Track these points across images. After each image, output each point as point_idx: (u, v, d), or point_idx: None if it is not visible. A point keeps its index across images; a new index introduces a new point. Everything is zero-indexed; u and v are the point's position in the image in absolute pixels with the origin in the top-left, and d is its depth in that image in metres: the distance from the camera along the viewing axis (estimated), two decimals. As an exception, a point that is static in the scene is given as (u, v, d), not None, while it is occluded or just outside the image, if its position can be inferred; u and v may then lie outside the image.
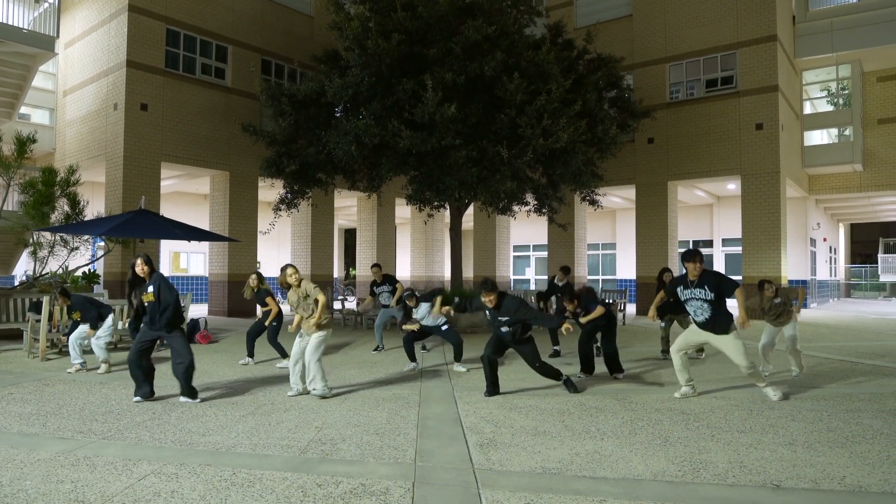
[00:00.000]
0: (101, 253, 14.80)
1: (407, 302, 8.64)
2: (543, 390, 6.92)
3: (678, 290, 6.48)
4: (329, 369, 8.49)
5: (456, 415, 5.79)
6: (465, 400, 6.45)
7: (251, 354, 9.17)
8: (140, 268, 6.32)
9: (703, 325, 6.38)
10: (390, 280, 10.75)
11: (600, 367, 8.22)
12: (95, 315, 8.31)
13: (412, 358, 8.54)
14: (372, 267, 11.00)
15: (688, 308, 6.45)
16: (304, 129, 14.33)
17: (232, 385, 7.25)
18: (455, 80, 12.74)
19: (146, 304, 6.25)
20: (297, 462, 4.34)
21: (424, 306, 8.62)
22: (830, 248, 28.03)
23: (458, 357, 8.51)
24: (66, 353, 9.78)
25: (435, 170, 13.70)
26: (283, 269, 6.71)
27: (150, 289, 6.20)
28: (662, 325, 9.97)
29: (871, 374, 8.06)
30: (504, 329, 6.71)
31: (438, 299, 8.72)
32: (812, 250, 23.35)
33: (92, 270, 13.59)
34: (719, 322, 6.29)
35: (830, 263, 27.78)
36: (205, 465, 4.23)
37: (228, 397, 6.55)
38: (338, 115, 14.63)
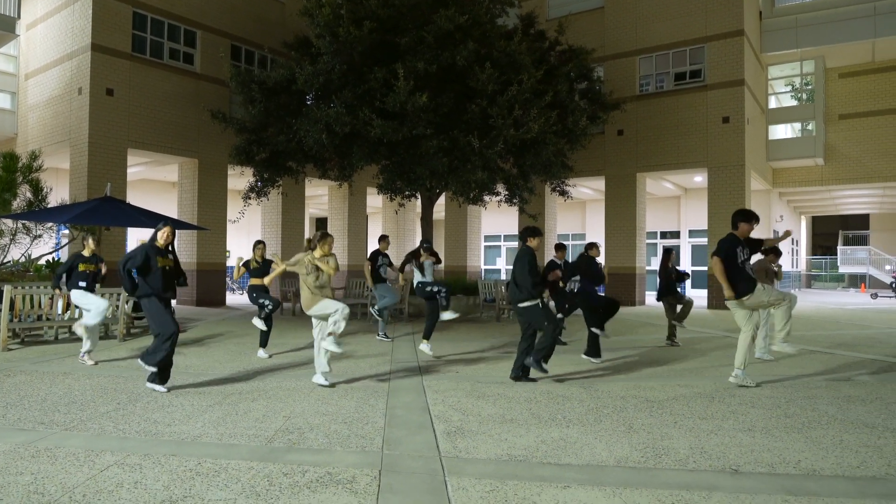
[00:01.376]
0: (65, 241, 14.49)
1: (423, 251, 8.69)
2: (513, 379, 6.99)
3: (737, 249, 6.55)
4: (303, 361, 8.47)
5: (424, 403, 5.83)
6: (433, 389, 6.49)
7: (264, 344, 8.68)
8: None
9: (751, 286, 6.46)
10: (387, 257, 10.55)
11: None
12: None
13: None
14: (382, 239, 10.58)
15: (747, 267, 6.53)
16: (275, 117, 14.18)
17: (200, 375, 7.18)
18: (427, 69, 12.71)
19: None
20: (264, 451, 4.33)
21: (428, 263, 8.66)
22: (793, 239, 28.70)
23: (427, 334, 8.61)
24: (29, 343, 9.58)
25: (406, 159, 13.68)
26: (320, 239, 6.61)
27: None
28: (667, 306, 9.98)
29: (828, 362, 8.31)
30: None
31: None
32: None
33: (56, 259, 13.31)
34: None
35: (793, 255, 28.44)
36: (169, 456, 4.19)
37: (196, 387, 6.49)
38: (309, 102, 14.50)
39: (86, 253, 8.54)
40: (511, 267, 6.79)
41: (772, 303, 6.54)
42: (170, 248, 6.58)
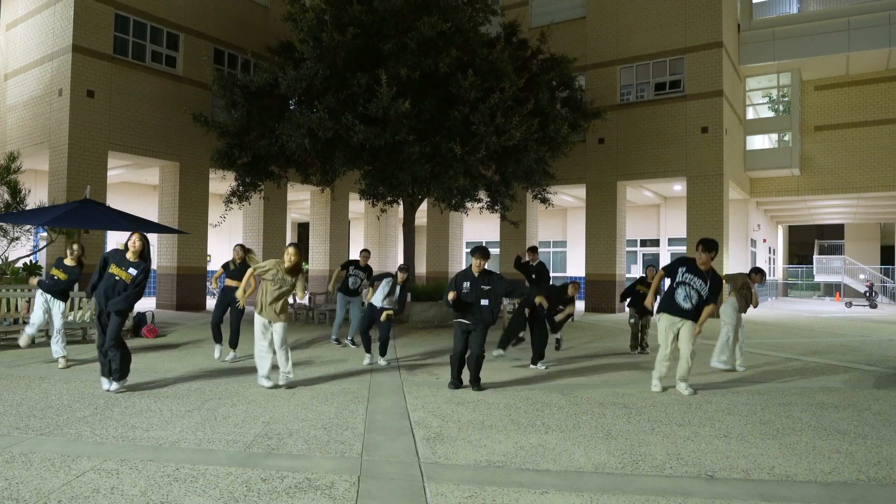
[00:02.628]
0: (43, 243, 14.30)
1: (399, 272, 8.70)
2: (491, 385, 7.03)
3: (679, 270, 6.69)
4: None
5: (404, 409, 5.84)
6: (413, 394, 6.50)
7: (219, 340, 8.80)
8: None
9: (685, 312, 6.61)
10: (369, 270, 10.55)
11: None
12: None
13: (369, 349, 8.56)
14: (363, 252, 10.75)
15: (677, 291, 6.63)
16: (257, 121, 14.13)
17: (178, 379, 7.13)
18: (409, 75, 12.75)
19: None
20: (242, 457, 4.32)
21: (384, 283, 8.54)
22: (770, 248, 29.13)
23: (383, 351, 8.55)
24: (4, 347, 9.45)
25: (388, 165, 13.70)
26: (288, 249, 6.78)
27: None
28: (632, 320, 10.21)
29: (802, 370, 8.46)
30: (484, 301, 6.67)
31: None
32: (752, 250, 24.23)
33: (34, 261, 13.13)
34: (697, 314, 6.62)
35: (769, 263, 28.85)
36: (147, 461, 4.17)
37: (174, 392, 6.44)
38: (291, 107, 14.46)
39: (68, 262, 8.40)
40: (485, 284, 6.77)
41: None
42: (141, 258, 6.48)
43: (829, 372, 8.34)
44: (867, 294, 25.07)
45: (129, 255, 6.46)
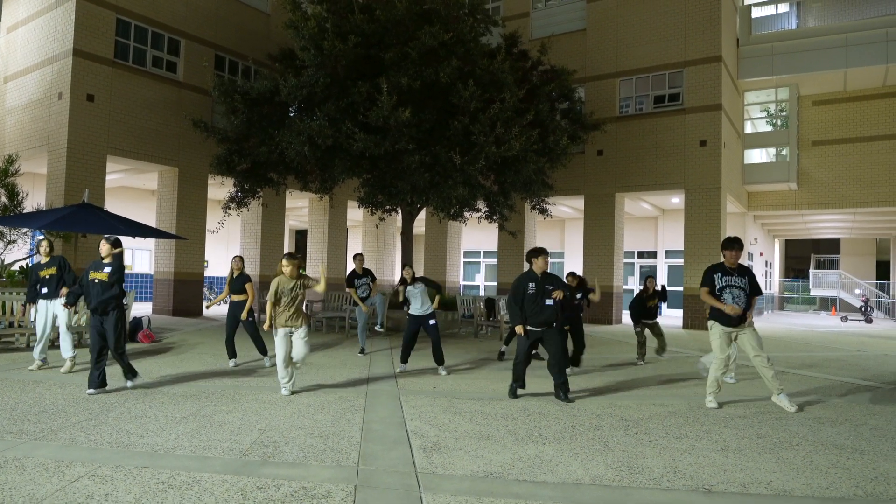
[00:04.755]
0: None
1: (404, 274, 8.84)
2: (489, 395, 7.01)
3: (716, 276, 6.70)
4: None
5: (401, 418, 5.82)
6: (410, 404, 6.48)
7: (233, 355, 8.82)
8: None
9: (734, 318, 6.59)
10: (370, 273, 10.62)
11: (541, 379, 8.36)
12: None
13: (406, 359, 8.77)
14: (356, 257, 10.70)
15: (725, 295, 6.62)
16: (257, 128, 14.16)
17: (174, 385, 7.09)
18: (410, 84, 12.79)
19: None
20: (238, 465, 4.29)
21: (420, 287, 8.69)
22: (766, 262, 29.19)
23: (439, 359, 8.62)
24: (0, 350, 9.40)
25: (388, 173, 13.72)
26: (287, 258, 6.88)
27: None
28: (638, 329, 10.25)
29: (799, 384, 8.45)
30: (549, 301, 6.77)
31: (436, 297, 8.96)
32: (749, 264, 24.25)
33: (30, 265, 13.08)
34: (746, 313, 6.63)
35: (766, 277, 28.90)
36: (142, 468, 4.14)
37: (170, 398, 6.41)
38: (291, 114, 14.49)
39: (44, 260, 8.32)
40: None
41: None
42: (113, 260, 6.76)
43: (826, 386, 8.34)
44: (863, 309, 25.11)
45: (104, 259, 6.79)
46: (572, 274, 9.47)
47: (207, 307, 9.38)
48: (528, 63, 15.93)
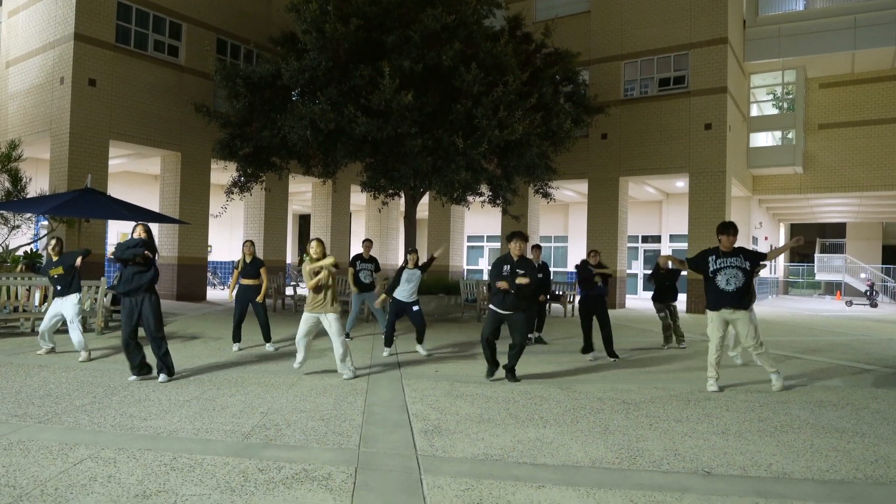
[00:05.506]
0: (43, 232, 14.31)
1: (408, 256, 8.93)
2: (490, 379, 7.02)
3: (710, 258, 6.70)
4: (281, 355, 8.46)
5: (403, 402, 5.84)
6: (412, 387, 6.50)
7: (238, 339, 8.87)
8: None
9: (731, 296, 6.55)
10: (374, 261, 10.44)
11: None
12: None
13: (389, 343, 8.75)
14: (364, 241, 10.57)
15: (718, 277, 6.61)
16: (259, 112, 14.11)
17: (178, 369, 7.13)
18: (413, 68, 12.71)
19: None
20: (240, 447, 4.32)
21: (418, 274, 8.80)
22: (771, 246, 29.08)
23: (420, 339, 8.80)
24: (4, 335, 9.46)
25: (390, 157, 13.68)
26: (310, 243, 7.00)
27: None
28: (662, 314, 10.18)
29: (802, 368, 8.45)
30: (519, 281, 6.71)
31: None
32: (754, 248, 24.17)
33: (34, 250, 13.14)
34: (747, 293, 6.63)
35: (770, 261, 28.78)
36: (144, 450, 4.17)
37: (173, 381, 6.45)
38: (294, 98, 14.43)
39: (54, 256, 8.20)
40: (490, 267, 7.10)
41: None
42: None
43: (828, 370, 8.33)
44: (868, 293, 25.04)
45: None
46: (595, 252, 9.31)
47: (230, 298, 9.33)
48: (532, 46, 15.80)
